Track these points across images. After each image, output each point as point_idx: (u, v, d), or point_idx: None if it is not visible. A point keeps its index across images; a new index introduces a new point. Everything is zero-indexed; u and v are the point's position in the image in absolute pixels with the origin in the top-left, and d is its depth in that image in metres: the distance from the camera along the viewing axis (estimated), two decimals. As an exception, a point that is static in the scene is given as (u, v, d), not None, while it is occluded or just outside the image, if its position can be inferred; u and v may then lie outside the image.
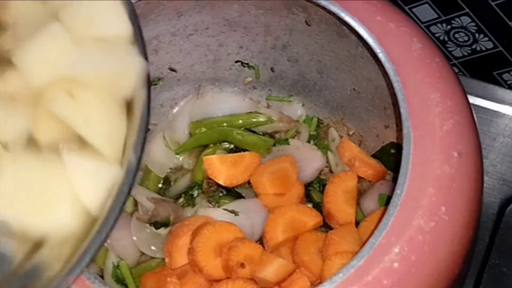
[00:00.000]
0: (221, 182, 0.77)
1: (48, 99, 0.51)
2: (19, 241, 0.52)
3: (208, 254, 0.69)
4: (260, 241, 0.73)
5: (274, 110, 0.84)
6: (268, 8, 0.74)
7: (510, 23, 0.95)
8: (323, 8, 0.67)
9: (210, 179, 0.78)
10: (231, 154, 0.78)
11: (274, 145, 0.79)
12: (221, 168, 0.76)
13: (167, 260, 0.70)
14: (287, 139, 0.79)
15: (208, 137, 0.80)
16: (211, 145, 0.80)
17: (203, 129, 0.80)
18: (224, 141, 0.80)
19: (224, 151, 0.80)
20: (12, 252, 0.52)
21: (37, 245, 0.52)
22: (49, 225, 0.51)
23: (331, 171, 0.79)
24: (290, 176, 0.75)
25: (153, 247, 0.74)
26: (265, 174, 0.75)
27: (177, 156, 0.81)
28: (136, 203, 0.77)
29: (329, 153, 0.79)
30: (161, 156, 0.80)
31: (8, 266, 0.52)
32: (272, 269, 0.67)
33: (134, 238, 0.74)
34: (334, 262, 0.66)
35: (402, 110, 0.61)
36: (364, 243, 0.56)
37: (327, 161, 0.79)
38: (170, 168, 0.81)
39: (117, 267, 0.73)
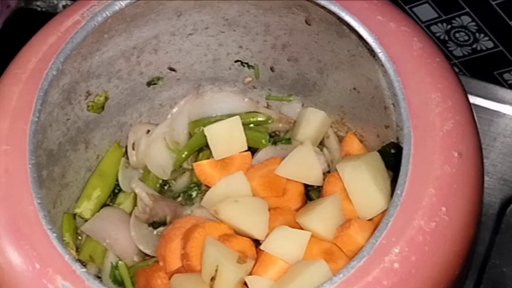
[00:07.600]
0: None
1: None
2: None
3: (203, 257, 0.68)
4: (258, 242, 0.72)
5: (274, 110, 0.84)
6: (268, 7, 0.74)
7: (510, 23, 0.95)
8: (323, 7, 0.67)
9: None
10: (221, 158, 0.76)
11: (276, 143, 0.79)
12: (213, 172, 0.76)
13: (161, 263, 0.70)
14: (289, 139, 0.79)
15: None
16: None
17: (202, 129, 0.79)
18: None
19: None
20: None
21: None
22: None
23: (329, 171, 0.79)
24: (280, 179, 0.74)
25: (151, 244, 0.74)
26: (255, 178, 0.74)
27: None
28: (135, 202, 0.77)
29: (324, 149, 0.79)
30: (162, 158, 0.80)
31: None
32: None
33: (133, 233, 0.73)
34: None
35: (402, 110, 0.61)
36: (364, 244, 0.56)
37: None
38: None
39: (115, 267, 0.73)
